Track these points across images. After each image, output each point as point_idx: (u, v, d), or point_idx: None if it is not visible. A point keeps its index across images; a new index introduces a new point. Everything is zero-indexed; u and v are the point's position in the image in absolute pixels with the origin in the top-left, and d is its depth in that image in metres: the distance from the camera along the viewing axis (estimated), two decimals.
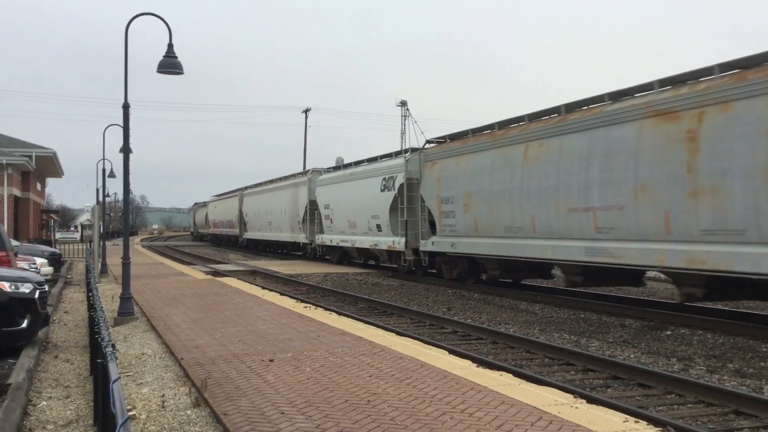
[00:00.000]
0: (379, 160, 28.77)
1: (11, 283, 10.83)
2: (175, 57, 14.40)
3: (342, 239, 30.88)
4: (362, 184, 28.66)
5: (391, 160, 27.16)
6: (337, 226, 31.35)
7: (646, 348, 11.96)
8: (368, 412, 6.65)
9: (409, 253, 24.63)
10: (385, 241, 26.24)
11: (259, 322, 12.91)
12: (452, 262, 22.70)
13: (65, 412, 7.90)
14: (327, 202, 32.83)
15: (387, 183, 26.12)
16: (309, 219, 35.73)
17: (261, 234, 46.62)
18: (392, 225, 25.67)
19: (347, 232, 30.21)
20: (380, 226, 26.64)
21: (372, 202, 27.33)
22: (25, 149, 38.07)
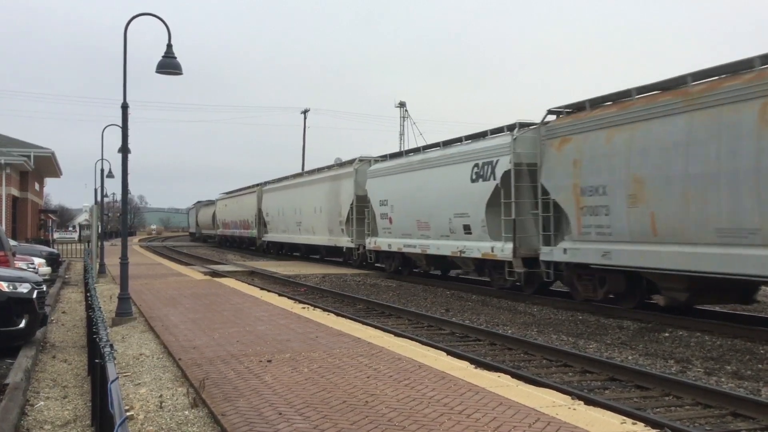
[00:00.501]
0: (463, 142, 22.41)
1: (9, 283, 10.83)
2: (174, 57, 14.41)
3: (406, 244, 24.79)
4: (440, 174, 22.48)
5: (486, 140, 20.56)
6: (399, 227, 25.37)
7: (644, 350, 11.97)
8: (366, 413, 6.66)
9: (519, 264, 18.35)
10: (479, 247, 20.14)
11: (257, 322, 12.91)
12: (597, 278, 16.40)
13: (63, 412, 7.90)
14: (384, 197, 26.53)
15: (482, 170, 19.95)
16: (356, 219, 29.33)
17: (287, 236, 40.33)
18: (490, 226, 19.51)
19: (414, 234, 24.25)
20: (469, 227, 20.68)
21: (456, 196, 21.21)
22: (24, 149, 38.05)
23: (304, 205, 36.57)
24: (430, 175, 23.09)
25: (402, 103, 66.92)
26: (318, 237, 34.83)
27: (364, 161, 30.04)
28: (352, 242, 29.89)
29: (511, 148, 18.46)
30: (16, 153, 35.78)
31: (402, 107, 67.04)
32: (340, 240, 31.39)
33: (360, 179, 29.19)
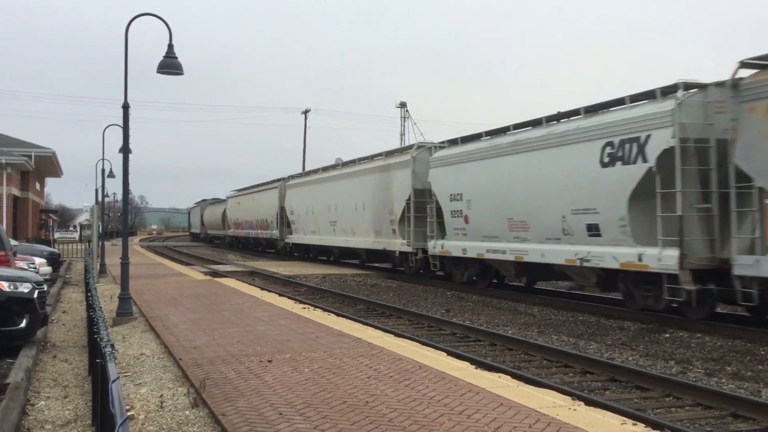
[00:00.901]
0: (581, 115, 16.90)
1: (10, 282, 10.83)
2: (175, 57, 14.42)
3: (490, 248, 19.70)
4: (547, 158, 17.33)
5: (624, 110, 15.43)
6: (479, 228, 20.27)
7: (645, 350, 11.97)
8: (366, 414, 6.66)
9: (687, 278, 13.30)
10: (614, 254, 15.08)
11: (257, 322, 12.92)
12: None
13: (63, 411, 7.91)
14: (456, 190, 21.41)
15: (620, 150, 14.77)
16: (413, 217, 24.25)
17: (317, 238, 35.14)
18: (634, 225, 14.61)
19: (504, 236, 19.21)
20: (598, 227, 15.58)
21: (575, 187, 16.18)
22: (25, 149, 38.07)
23: (341, 202, 31.57)
24: (530, 161, 17.99)
25: (403, 103, 66.92)
26: (359, 239, 29.52)
27: (424, 148, 24.97)
28: (409, 245, 24.50)
29: (673, 117, 13.52)
30: (17, 153, 35.81)
31: (403, 107, 67.05)
32: (392, 243, 26.02)
33: (419, 169, 24.11)
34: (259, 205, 46.97)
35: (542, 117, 18.62)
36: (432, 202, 23.14)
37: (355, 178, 30.24)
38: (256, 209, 47.71)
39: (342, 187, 31.73)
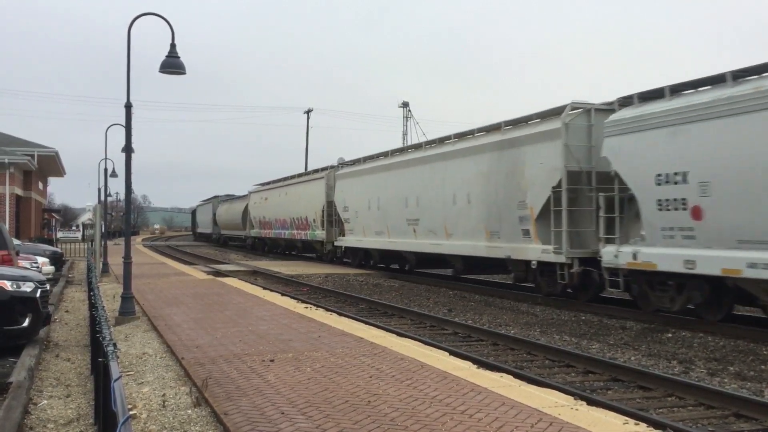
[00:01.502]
0: None
1: (13, 281, 10.85)
2: (177, 57, 14.43)
3: None
4: None
5: None
6: (729, 229, 12.55)
7: (647, 350, 11.96)
8: (368, 413, 6.66)
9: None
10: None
11: (259, 322, 12.92)
12: None
13: (66, 410, 7.92)
14: (672, 168, 13.67)
15: None
16: (566, 212, 16.69)
17: (386, 241, 27.10)
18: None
19: None
20: None
21: None
22: (27, 148, 38.16)
23: (428, 193, 23.59)
24: None
25: (405, 103, 66.90)
26: (462, 242, 21.70)
27: (580, 109, 17.14)
28: (561, 253, 16.74)
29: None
30: (19, 152, 35.88)
31: (405, 107, 67.04)
32: (527, 249, 18.26)
33: (575, 141, 16.70)
34: (295, 200, 38.27)
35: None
36: (610, 190, 15.50)
37: (454, 161, 22.18)
38: (291, 205, 39.07)
39: (429, 172, 23.63)
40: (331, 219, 33.14)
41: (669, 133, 13.86)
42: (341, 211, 31.39)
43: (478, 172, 20.63)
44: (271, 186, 44.86)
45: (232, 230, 56.90)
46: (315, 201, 35.11)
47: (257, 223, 47.42)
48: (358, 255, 30.85)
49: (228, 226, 58.69)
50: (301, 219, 37.57)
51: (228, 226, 58.69)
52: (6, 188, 34.21)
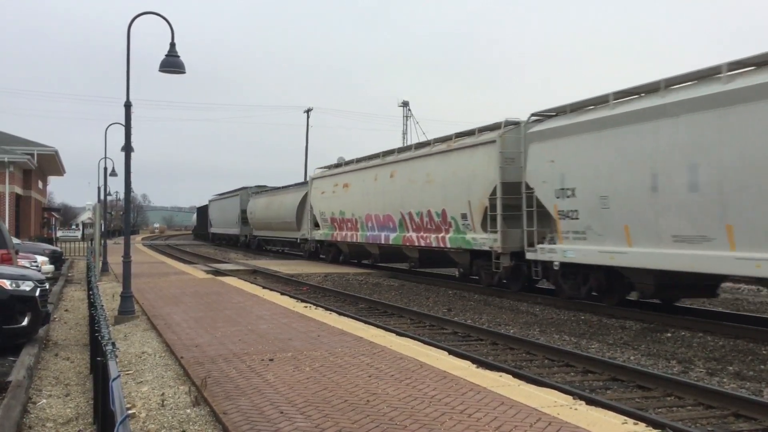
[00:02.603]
0: None
1: (12, 280, 10.85)
2: (177, 56, 14.42)
3: None
4: None
5: None
6: None
7: (646, 350, 11.96)
8: (367, 412, 6.66)
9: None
10: None
11: (259, 321, 12.92)
12: None
13: (65, 410, 7.92)
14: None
15: None
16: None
17: (676, 254, 13.43)
18: None
19: None
20: None
21: None
22: (27, 147, 38.17)
23: None
24: None
25: (405, 102, 66.95)
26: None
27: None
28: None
29: None
30: (19, 151, 35.88)
31: (405, 106, 67.06)
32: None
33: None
34: (422, 182, 23.60)
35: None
36: None
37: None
38: (406, 192, 24.71)
39: None
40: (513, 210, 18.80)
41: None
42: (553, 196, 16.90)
43: None
44: (355, 167, 29.92)
45: (274, 231, 43.46)
46: (463, 183, 20.91)
47: (326, 222, 32.59)
48: (577, 272, 16.94)
49: (265, 226, 45.44)
50: (428, 214, 23.17)
51: (265, 226, 45.44)
52: (6, 187, 34.21)
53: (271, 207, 43.99)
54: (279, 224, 42.28)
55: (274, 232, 44.20)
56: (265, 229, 46.08)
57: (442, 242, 22.36)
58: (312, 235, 35.00)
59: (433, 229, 22.96)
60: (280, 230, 42.52)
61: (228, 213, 57.77)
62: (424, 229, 23.60)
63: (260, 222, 47.04)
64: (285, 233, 41.57)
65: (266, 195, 46.89)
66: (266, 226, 45.64)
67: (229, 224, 57.76)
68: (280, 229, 42.22)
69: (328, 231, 32.70)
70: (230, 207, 56.67)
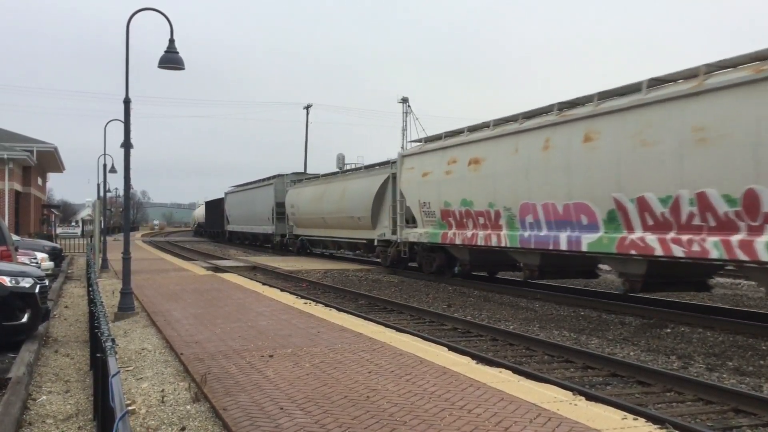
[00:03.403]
0: None
1: (12, 277, 10.84)
2: (176, 52, 14.39)
3: None
4: None
5: None
6: None
7: (646, 346, 11.96)
8: (367, 408, 6.66)
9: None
10: None
11: (259, 318, 12.93)
12: None
13: (65, 406, 7.92)
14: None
15: None
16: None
17: None
18: None
19: None
20: None
21: None
22: (26, 144, 38.14)
23: None
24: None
25: (405, 98, 66.93)
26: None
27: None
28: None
29: None
30: (18, 148, 35.87)
31: (405, 102, 67.03)
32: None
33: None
34: (664, 148, 13.16)
35: None
36: None
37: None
38: (631, 166, 14.00)
39: None
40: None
41: None
42: None
43: None
44: (491, 132, 19.30)
45: (335, 230, 33.03)
46: None
47: (431, 214, 22.52)
48: None
49: (322, 222, 34.37)
50: (712, 199, 12.25)
51: (322, 222, 34.37)
52: (5, 184, 34.19)
53: (327, 198, 33.43)
54: (340, 220, 31.93)
55: (330, 231, 33.70)
56: (316, 227, 35.63)
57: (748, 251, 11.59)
58: (403, 235, 24.43)
59: (716, 228, 12.30)
60: (340, 228, 32.38)
61: (256, 207, 46.72)
62: (681, 226, 12.97)
63: (307, 218, 36.38)
64: (350, 232, 31.21)
65: (315, 183, 36.76)
66: (317, 222, 35.05)
67: (256, 220, 46.82)
68: (342, 227, 32.14)
69: (433, 230, 22.22)
70: (260, 200, 45.78)
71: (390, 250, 26.43)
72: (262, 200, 45.04)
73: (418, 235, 23.28)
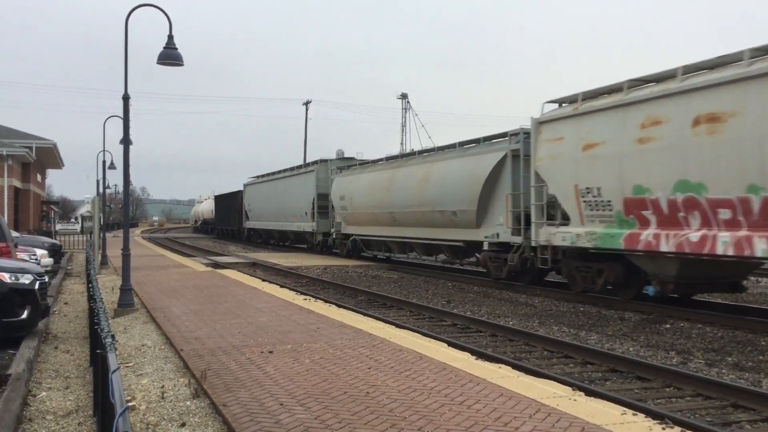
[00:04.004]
0: None
1: (11, 274, 10.84)
2: (175, 48, 14.37)
3: None
4: None
5: None
6: None
7: (645, 341, 11.98)
8: (367, 404, 6.67)
9: None
10: None
11: (258, 314, 12.93)
12: None
13: (65, 402, 7.92)
14: None
15: None
16: None
17: None
18: None
19: None
20: None
21: None
22: (26, 140, 38.06)
23: None
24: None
25: (404, 94, 66.86)
26: None
27: None
28: None
29: None
30: (17, 144, 35.81)
31: (404, 99, 66.98)
32: None
33: None
34: None
35: None
36: None
37: None
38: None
39: None
40: None
41: None
42: None
43: None
44: (707, 81, 12.63)
45: (410, 228, 25.77)
46: None
47: (604, 206, 15.32)
48: None
49: (386, 219, 27.35)
50: None
51: (386, 219, 27.35)
52: (4, 180, 34.16)
53: (398, 187, 26.06)
54: (419, 216, 24.82)
55: (401, 230, 26.59)
56: (378, 225, 28.31)
57: None
58: (543, 235, 17.62)
59: None
60: (418, 226, 25.26)
61: (288, 200, 39.15)
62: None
63: (364, 212, 29.09)
64: (435, 232, 24.22)
65: (376, 169, 29.21)
66: (381, 219, 27.87)
67: (287, 216, 39.06)
68: (422, 225, 24.98)
69: (607, 229, 15.25)
70: (294, 191, 38.29)
71: (512, 257, 19.23)
72: (298, 192, 37.51)
73: (573, 237, 16.27)
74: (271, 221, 43.18)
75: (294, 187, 38.27)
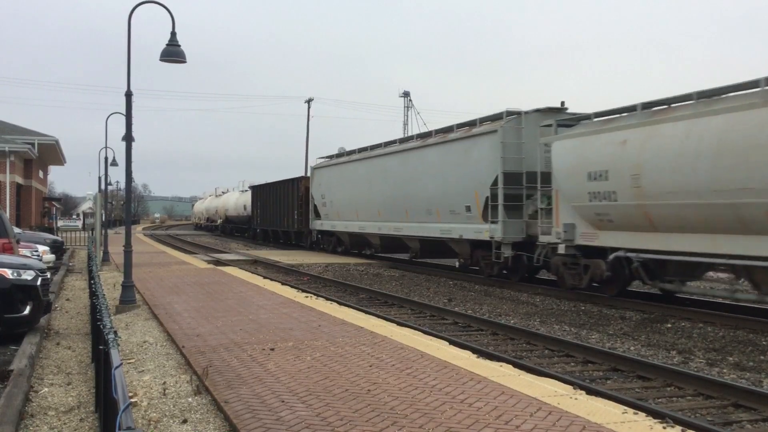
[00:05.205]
0: None
1: (13, 270, 10.86)
2: (178, 45, 14.38)
3: None
4: None
5: None
6: None
7: (646, 340, 11.98)
8: (368, 402, 6.68)
9: None
10: None
11: (260, 311, 12.95)
12: None
13: (67, 398, 7.94)
14: None
15: None
16: None
17: None
18: None
19: None
20: None
21: None
22: (28, 137, 38.12)
23: None
24: None
25: (406, 92, 66.83)
26: None
27: None
28: None
29: None
30: (20, 141, 35.85)
31: (406, 97, 66.95)
32: None
33: None
34: None
35: None
36: None
37: None
38: None
39: None
40: None
41: None
42: None
43: None
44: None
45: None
46: None
47: None
48: None
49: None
50: None
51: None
52: (6, 176, 34.19)
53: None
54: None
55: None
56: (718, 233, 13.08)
57: None
58: None
59: None
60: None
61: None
62: None
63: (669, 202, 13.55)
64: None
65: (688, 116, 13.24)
66: None
67: (422, 211, 23.50)
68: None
69: None
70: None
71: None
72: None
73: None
74: (371, 221, 27.65)
75: (448, 160, 21.74)
